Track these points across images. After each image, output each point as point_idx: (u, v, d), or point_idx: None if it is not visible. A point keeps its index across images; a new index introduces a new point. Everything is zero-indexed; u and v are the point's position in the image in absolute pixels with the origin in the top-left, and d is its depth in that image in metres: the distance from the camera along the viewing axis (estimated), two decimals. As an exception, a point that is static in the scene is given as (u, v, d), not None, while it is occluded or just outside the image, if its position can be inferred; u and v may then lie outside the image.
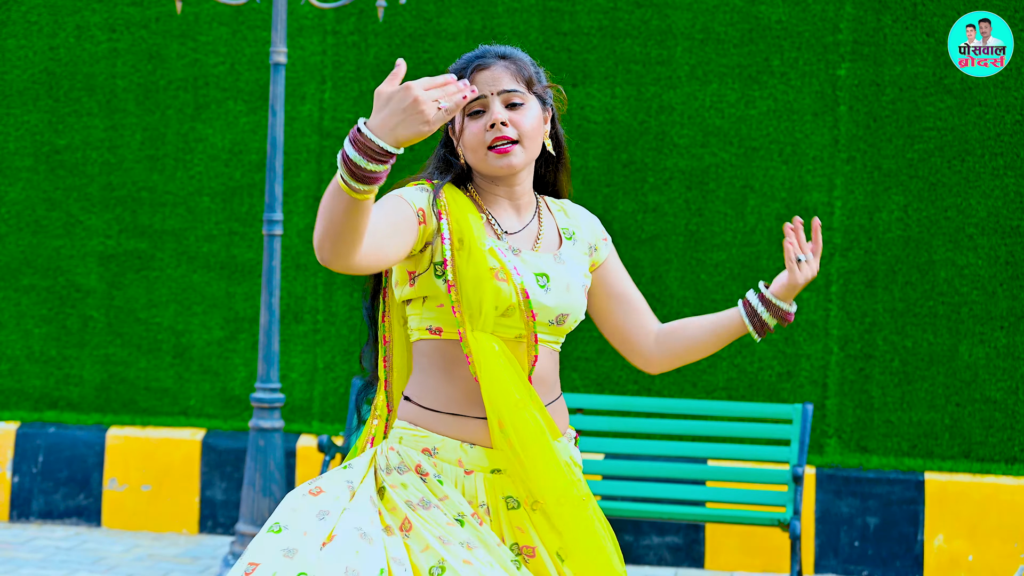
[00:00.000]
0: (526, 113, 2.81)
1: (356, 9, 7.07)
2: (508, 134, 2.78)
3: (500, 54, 2.84)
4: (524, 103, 2.82)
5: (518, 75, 2.83)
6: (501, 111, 2.79)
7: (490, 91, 2.79)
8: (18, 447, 7.14)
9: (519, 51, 2.89)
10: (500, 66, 2.82)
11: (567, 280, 2.83)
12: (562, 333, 2.85)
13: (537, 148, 2.85)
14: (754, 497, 5.90)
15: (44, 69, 7.31)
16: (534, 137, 2.83)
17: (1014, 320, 6.59)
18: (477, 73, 2.81)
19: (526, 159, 2.82)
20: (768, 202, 6.79)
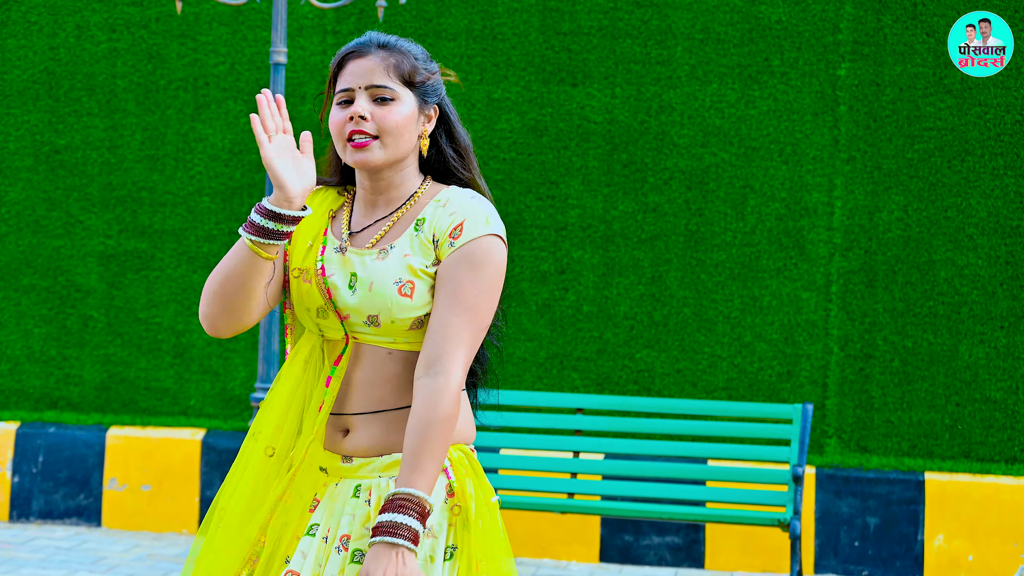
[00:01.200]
0: (393, 109, 2.71)
1: (356, 9, 7.07)
2: (366, 129, 2.69)
3: (381, 43, 2.74)
4: (394, 99, 2.71)
5: (393, 69, 2.72)
6: (363, 105, 2.70)
7: (357, 84, 2.71)
8: (18, 447, 7.15)
9: (407, 42, 2.78)
10: (377, 56, 2.72)
11: (372, 279, 2.67)
12: (396, 333, 2.68)
13: (403, 146, 2.73)
14: (754, 497, 5.89)
15: (44, 69, 7.31)
16: (396, 135, 2.71)
17: (1014, 320, 6.59)
18: (352, 61, 2.73)
19: (385, 157, 2.71)
20: (768, 202, 6.79)
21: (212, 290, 2.70)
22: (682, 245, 6.86)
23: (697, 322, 6.83)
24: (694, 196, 6.85)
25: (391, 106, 2.71)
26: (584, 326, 6.91)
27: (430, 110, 2.80)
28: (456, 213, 2.69)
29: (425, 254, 2.68)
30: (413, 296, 2.66)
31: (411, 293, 2.66)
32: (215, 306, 2.71)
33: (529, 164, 6.98)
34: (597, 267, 6.91)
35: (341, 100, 2.73)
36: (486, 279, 2.66)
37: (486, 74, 7.01)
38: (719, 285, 6.82)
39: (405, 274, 2.67)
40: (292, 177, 2.64)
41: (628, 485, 6.07)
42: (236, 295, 2.69)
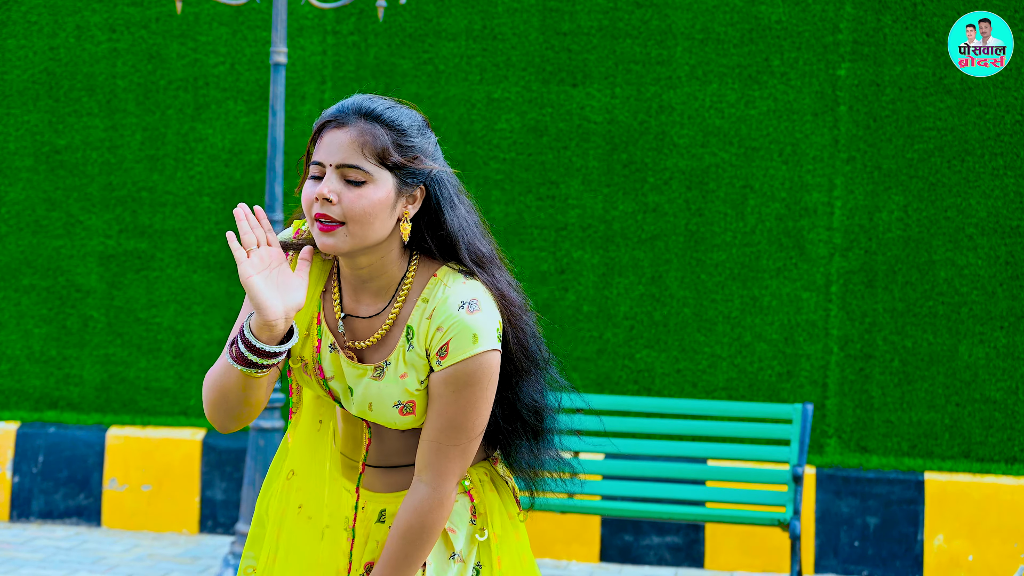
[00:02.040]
0: (361, 194, 2.44)
1: (356, 9, 7.07)
2: (331, 213, 2.44)
3: (364, 112, 2.47)
4: (366, 182, 2.45)
5: (368, 145, 2.44)
6: (331, 185, 2.44)
7: (328, 161, 2.45)
8: (18, 447, 7.14)
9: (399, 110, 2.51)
10: (353, 130, 2.45)
11: (371, 400, 2.55)
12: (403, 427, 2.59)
13: (373, 234, 2.46)
14: (754, 497, 5.89)
15: (44, 69, 7.31)
16: (364, 222, 2.44)
17: (1014, 320, 6.59)
18: (328, 131, 2.48)
19: (352, 244, 2.45)
20: (768, 202, 6.79)
21: (211, 400, 2.55)
22: (682, 245, 6.86)
23: (697, 322, 6.83)
24: (694, 196, 6.85)
25: (361, 190, 2.45)
26: (584, 326, 6.91)
27: (414, 191, 2.51)
28: (442, 329, 2.49)
29: (420, 369, 2.53)
30: (415, 412, 2.56)
31: (412, 411, 2.55)
32: (219, 414, 2.57)
33: (529, 164, 6.98)
34: (597, 267, 6.91)
35: (314, 174, 2.49)
36: (473, 397, 2.50)
37: (486, 74, 7.01)
38: (719, 285, 6.82)
39: (404, 396, 2.54)
40: (272, 298, 2.43)
41: (628, 485, 6.07)
42: (237, 405, 2.54)
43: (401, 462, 2.65)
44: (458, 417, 2.51)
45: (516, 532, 2.71)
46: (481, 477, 2.69)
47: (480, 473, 2.70)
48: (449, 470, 2.51)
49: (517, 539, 2.71)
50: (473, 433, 2.52)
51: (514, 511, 2.72)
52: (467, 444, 2.52)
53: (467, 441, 2.52)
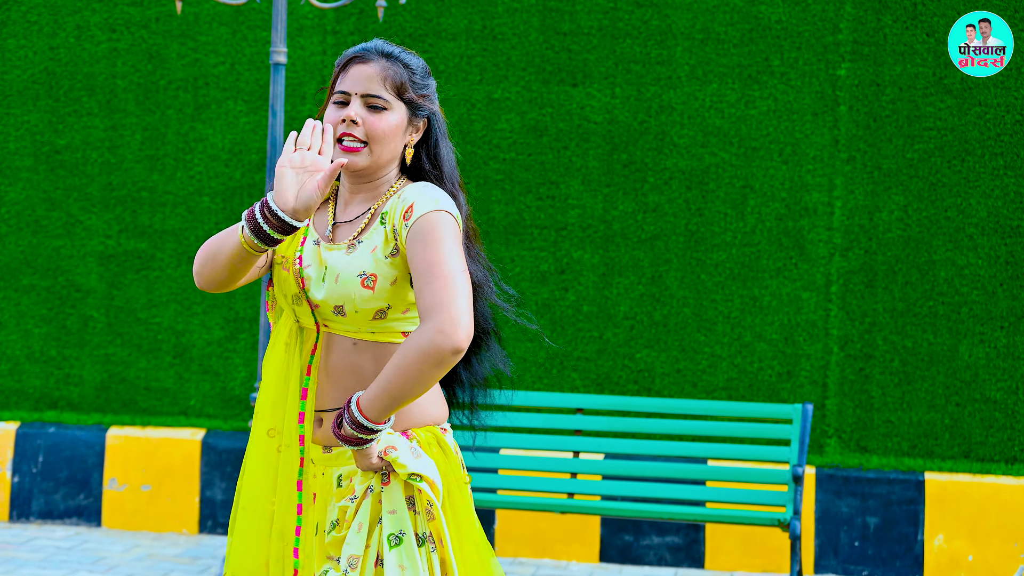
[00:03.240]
0: (382, 118, 2.88)
1: (356, 9, 7.07)
2: (356, 133, 2.87)
3: (385, 52, 2.91)
4: (385, 108, 2.89)
5: (390, 79, 2.88)
6: (356, 110, 2.87)
7: (354, 90, 2.88)
8: (18, 447, 7.14)
9: (410, 55, 2.94)
10: (377, 65, 2.89)
11: (339, 271, 2.84)
12: (360, 322, 2.86)
13: (387, 154, 2.90)
14: (754, 497, 5.89)
15: (44, 69, 7.31)
16: (384, 142, 2.88)
17: (1014, 320, 6.59)
18: (354, 66, 2.90)
19: (370, 161, 2.88)
20: (768, 202, 6.79)
21: (204, 256, 2.92)
22: (682, 245, 6.85)
23: (697, 322, 6.83)
24: (694, 196, 6.85)
25: (382, 115, 2.88)
26: (584, 326, 6.91)
27: (419, 123, 2.95)
28: (406, 198, 2.84)
29: (387, 244, 2.83)
30: (375, 288, 2.82)
31: (372, 285, 2.82)
32: (205, 270, 2.92)
33: (529, 164, 6.98)
34: (597, 267, 6.91)
35: (338, 100, 2.90)
36: (444, 242, 2.76)
37: (486, 74, 7.01)
38: (719, 285, 6.82)
39: (369, 267, 2.82)
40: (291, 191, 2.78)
41: (628, 485, 6.07)
42: (224, 272, 2.90)
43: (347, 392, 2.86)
44: (435, 259, 2.74)
45: (461, 494, 2.90)
46: (428, 440, 2.89)
47: (428, 436, 2.89)
48: (446, 300, 2.69)
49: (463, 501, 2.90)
50: (457, 268, 2.73)
51: (460, 475, 2.91)
52: (457, 278, 2.72)
53: (454, 275, 2.72)
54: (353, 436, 2.75)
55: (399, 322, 2.87)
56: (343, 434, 2.76)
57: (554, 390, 6.89)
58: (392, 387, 2.70)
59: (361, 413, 2.73)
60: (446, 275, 2.72)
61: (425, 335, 2.67)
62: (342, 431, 2.76)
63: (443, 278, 2.71)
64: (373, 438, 2.75)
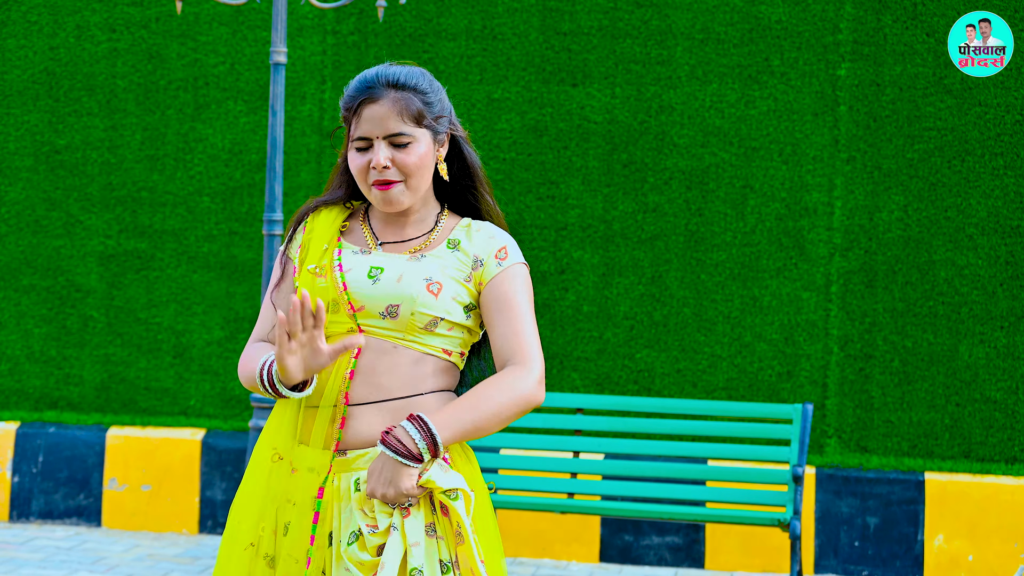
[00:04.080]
0: (412, 151, 2.80)
1: (356, 9, 7.07)
2: (390, 177, 2.79)
3: (392, 82, 2.80)
4: (411, 142, 2.80)
5: (407, 112, 2.79)
6: (383, 153, 2.79)
7: (374, 135, 2.78)
8: (18, 447, 7.14)
9: (414, 74, 2.83)
10: (389, 100, 2.78)
11: (402, 271, 2.78)
12: (410, 329, 2.76)
13: (426, 180, 2.84)
14: (754, 497, 5.90)
15: (44, 69, 7.31)
16: (420, 174, 2.81)
17: (1014, 320, 6.59)
18: (366, 108, 2.79)
19: (412, 196, 2.82)
20: (768, 202, 6.79)
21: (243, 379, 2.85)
22: (682, 245, 6.86)
23: (697, 322, 6.83)
24: (694, 196, 6.85)
25: (410, 149, 2.79)
26: (584, 326, 6.91)
27: (443, 138, 2.87)
28: (495, 238, 2.84)
29: (460, 265, 2.81)
30: (439, 296, 2.76)
31: (437, 292, 2.76)
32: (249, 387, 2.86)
33: (529, 164, 6.98)
34: (597, 267, 6.91)
35: (360, 147, 2.81)
36: (526, 294, 2.81)
37: (486, 74, 7.01)
38: (719, 285, 6.82)
39: (437, 275, 2.78)
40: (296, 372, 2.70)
41: (628, 485, 6.07)
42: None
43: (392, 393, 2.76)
44: (525, 310, 2.79)
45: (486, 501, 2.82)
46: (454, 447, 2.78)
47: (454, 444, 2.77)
48: (535, 351, 2.74)
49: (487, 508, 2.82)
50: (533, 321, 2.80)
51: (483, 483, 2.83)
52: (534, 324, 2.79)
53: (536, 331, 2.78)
54: (416, 452, 2.63)
55: (442, 339, 2.78)
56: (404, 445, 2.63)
57: (554, 390, 6.89)
58: (477, 419, 2.65)
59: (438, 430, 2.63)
60: (529, 326, 2.77)
61: (526, 383, 2.70)
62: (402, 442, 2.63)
63: (528, 330, 2.76)
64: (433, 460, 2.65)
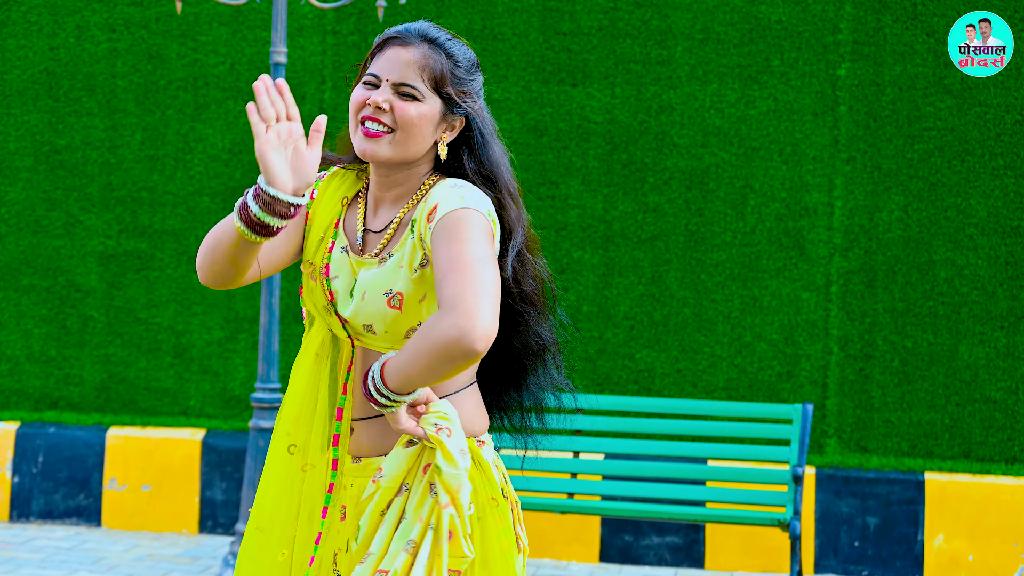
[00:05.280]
0: (415, 107, 2.58)
1: (356, 9, 7.07)
2: (383, 119, 2.58)
3: (429, 37, 2.62)
4: (418, 99, 2.59)
5: (428, 69, 2.59)
6: (385, 95, 2.58)
7: (386, 76, 2.59)
8: (18, 447, 7.14)
9: (457, 44, 2.66)
10: (417, 51, 2.60)
11: (365, 287, 2.59)
12: (394, 340, 2.60)
13: (415, 147, 2.60)
14: (754, 497, 5.90)
15: (44, 69, 7.31)
16: (412, 132, 2.58)
17: (1014, 320, 6.59)
18: (391, 47, 2.61)
19: (392, 152, 2.59)
20: (768, 202, 6.79)
21: (205, 249, 2.63)
22: (682, 245, 6.86)
23: (697, 322, 6.83)
24: (694, 196, 6.85)
25: (412, 103, 2.58)
26: (584, 326, 6.91)
27: (455, 120, 2.64)
28: (431, 199, 2.57)
29: (416, 252, 2.57)
30: (402, 308, 2.58)
31: (399, 305, 2.58)
32: (206, 263, 2.64)
33: (529, 164, 6.98)
34: (597, 267, 6.91)
35: (367, 82, 2.62)
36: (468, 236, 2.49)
37: (486, 74, 6.98)
38: (719, 285, 6.82)
39: (396, 284, 2.58)
40: (284, 173, 2.46)
41: (628, 485, 6.07)
42: (224, 263, 2.61)
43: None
44: (456, 252, 2.46)
45: (496, 516, 2.64)
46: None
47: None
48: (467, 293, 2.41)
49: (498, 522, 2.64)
50: (481, 260, 2.45)
51: (496, 494, 2.66)
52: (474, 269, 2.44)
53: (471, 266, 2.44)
54: (378, 401, 2.51)
55: None
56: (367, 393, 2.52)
57: (554, 390, 6.88)
58: (409, 368, 2.45)
59: (384, 382, 2.49)
60: (468, 265, 2.43)
61: (440, 328, 2.40)
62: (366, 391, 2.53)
63: (464, 268, 2.43)
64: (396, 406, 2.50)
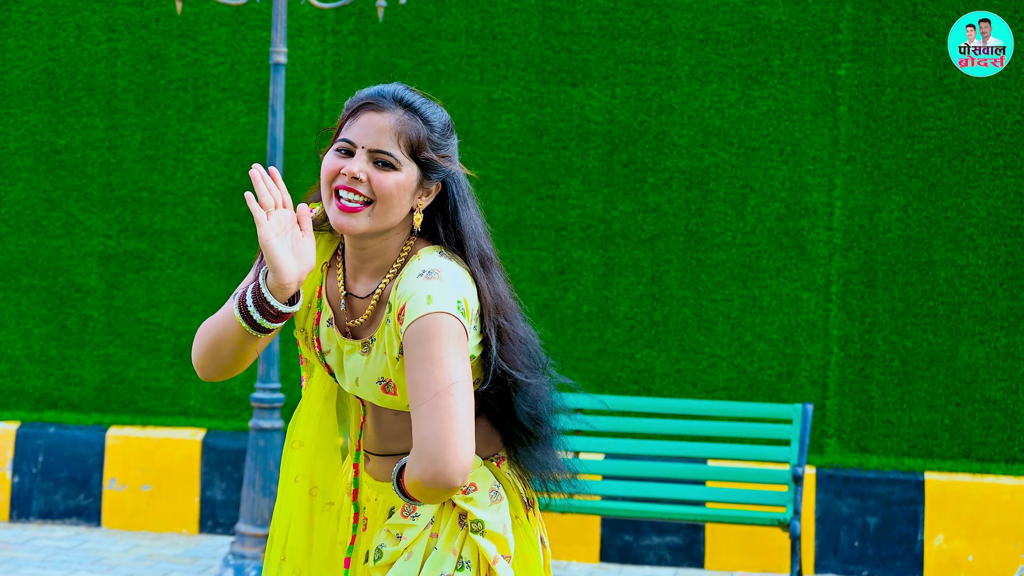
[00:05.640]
0: (390, 175, 2.51)
1: (356, 9, 7.07)
2: (360, 190, 2.51)
3: (404, 101, 2.54)
4: (395, 167, 2.51)
5: (404, 136, 2.52)
6: (360, 163, 2.51)
7: (362, 143, 2.51)
8: (18, 447, 7.15)
9: (432, 106, 2.58)
10: (391, 117, 2.52)
11: (358, 375, 2.58)
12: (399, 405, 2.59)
13: (392, 217, 2.52)
14: (754, 497, 5.90)
15: (44, 69, 7.31)
16: (390, 203, 2.51)
17: (1014, 320, 6.59)
18: (365, 113, 2.53)
19: (370, 225, 2.52)
20: (768, 202, 6.79)
21: (203, 347, 2.60)
22: (682, 245, 6.86)
23: (697, 322, 6.83)
24: (694, 196, 6.85)
25: (390, 173, 2.51)
26: (584, 326, 6.91)
27: (431, 186, 2.58)
28: (402, 295, 2.49)
29: (391, 343, 2.53)
30: (398, 393, 2.56)
31: (395, 391, 2.55)
32: (206, 361, 2.61)
33: (529, 164, 6.98)
34: (597, 267, 6.91)
35: (341, 148, 2.54)
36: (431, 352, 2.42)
37: (486, 74, 7.01)
38: (719, 285, 6.82)
39: (387, 373, 2.55)
40: (289, 261, 2.46)
41: (628, 485, 6.07)
42: (227, 358, 2.59)
43: (398, 449, 2.62)
44: (422, 375, 2.40)
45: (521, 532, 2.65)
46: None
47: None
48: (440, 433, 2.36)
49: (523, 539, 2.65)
50: (443, 386, 2.39)
51: (520, 512, 2.68)
52: (446, 400, 2.38)
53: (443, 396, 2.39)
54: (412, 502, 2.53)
55: None
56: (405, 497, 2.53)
57: (554, 390, 6.88)
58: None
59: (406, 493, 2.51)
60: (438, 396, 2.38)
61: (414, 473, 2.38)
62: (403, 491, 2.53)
63: (435, 401, 2.38)
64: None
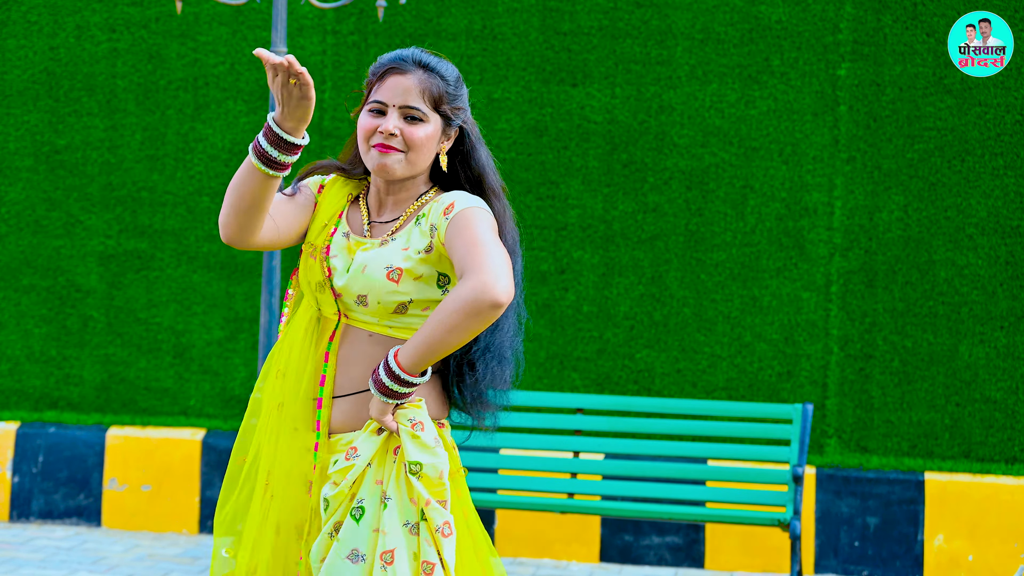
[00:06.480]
0: (420, 127, 2.97)
1: (356, 9, 7.07)
2: (395, 145, 2.97)
3: (422, 62, 3.00)
4: (423, 120, 2.98)
5: (427, 92, 2.98)
6: (394, 121, 2.97)
7: (392, 102, 2.97)
8: (18, 447, 7.15)
9: (444, 64, 3.02)
10: (415, 77, 2.98)
11: (367, 263, 2.95)
12: (381, 314, 2.96)
13: (422, 162, 3.00)
14: (754, 497, 5.90)
15: (44, 69, 7.31)
16: (421, 151, 2.98)
17: (1014, 320, 6.59)
18: (391, 76, 2.99)
19: (407, 169, 2.99)
20: (768, 202, 6.79)
21: (227, 202, 2.98)
22: (682, 245, 6.86)
23: (697, 322, 6.83)
24: (694, 196, 6.85)
25: (419, 125, 2.97)
26: (584, 326, 6.91)
27: (451, 131, 3.04)
28: (445, 199, 2.97)
29: (421, 240, 2.95)
30: (399, 282, 2.93)
31: (398, 279, 2.93)
32: (229, 217, 2.98)
33: (529, 164, 6.98)
34: (597, 267, 6.91)
35: (374, 109, 2.99)
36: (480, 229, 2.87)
37: (486, 74, 7.01)
38: (719, 285, 6.82)
39: (397, 262, 2.94)
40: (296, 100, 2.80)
41: (628, 485, 6.07)
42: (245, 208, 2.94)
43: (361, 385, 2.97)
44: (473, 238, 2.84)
45: (457, 488, 2.99)
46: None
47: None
48: (486, 262, 2.80)
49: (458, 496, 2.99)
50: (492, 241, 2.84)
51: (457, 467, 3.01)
52: (494, 248, 2.83)
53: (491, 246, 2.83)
54: (389, 388, 2.85)
55: (418, 319, 2.96)
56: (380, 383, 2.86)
57: (554, 390, 6.89)
58: (431, 337, 2.80)
59: (399, 365, 2.84)
60: (483, 244, 2.83)
61: (466, 286, 2.77)
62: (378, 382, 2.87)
63: (480, 246, 2.82)
64: (409, 391, 2.87)
